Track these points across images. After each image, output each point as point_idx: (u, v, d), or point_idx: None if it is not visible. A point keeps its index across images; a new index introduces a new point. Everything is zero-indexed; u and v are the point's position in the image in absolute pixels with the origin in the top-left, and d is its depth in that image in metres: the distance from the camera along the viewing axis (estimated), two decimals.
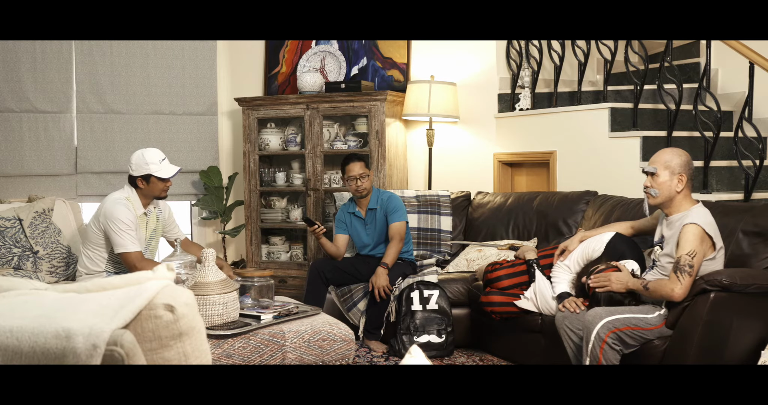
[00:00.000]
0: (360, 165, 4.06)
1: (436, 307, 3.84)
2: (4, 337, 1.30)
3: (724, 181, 4.02)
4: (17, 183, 5.08)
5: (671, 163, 2.93)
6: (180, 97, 5.38)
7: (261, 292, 3.19)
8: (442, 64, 5.03)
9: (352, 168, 4.05)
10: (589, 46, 4.42)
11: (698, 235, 2.77)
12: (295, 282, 5.04)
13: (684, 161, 2.94)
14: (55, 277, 3.92)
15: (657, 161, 2.98)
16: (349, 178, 4.09)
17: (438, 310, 3.83)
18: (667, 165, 2.93)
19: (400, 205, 4.14)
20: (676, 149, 3.02)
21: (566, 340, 3.01)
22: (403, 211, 4.13)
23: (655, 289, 2.82)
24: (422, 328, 3.80)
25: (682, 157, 2.95)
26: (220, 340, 2.74)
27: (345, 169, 4.09)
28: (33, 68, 5.07)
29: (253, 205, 5.18)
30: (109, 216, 3.46)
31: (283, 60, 5.48)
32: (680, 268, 2.74)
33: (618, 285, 2.96)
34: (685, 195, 2.94)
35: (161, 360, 1.39)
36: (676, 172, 2.92)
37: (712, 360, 2.71)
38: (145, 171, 3.53)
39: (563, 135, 4.47)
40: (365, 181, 4.08)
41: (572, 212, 4.07)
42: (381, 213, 4.13)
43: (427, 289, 3.87)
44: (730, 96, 4.51)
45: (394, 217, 4.08)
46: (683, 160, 2.94)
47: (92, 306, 1.37)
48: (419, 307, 3.83)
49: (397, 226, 4.07)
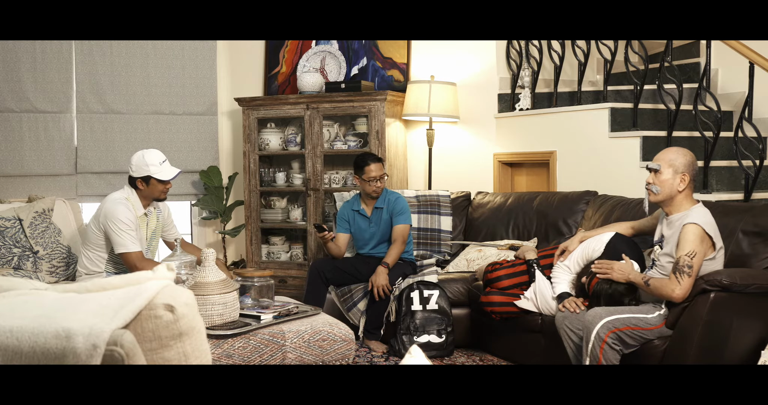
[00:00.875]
0: (380, 166, 4.06)
1: (436, 307, 3.84)
2: (4, 337, 1.30)
3: (724, 181, 4.02)
4: (17, 183, 5.08)
5: (675, 162, 2.94)
6: (180, 97, 5.38)
7: (261, 292, 3.19)
8: (442, 64, 5.03)
9: (373, 168, 4.02)
10: (589, 46, 4.42)
11: (698, 235, 2.77)
12: (295, 282, 5.04)
13: (688, 161, 2.95)
14: (55, 277, 3.92)
15: (661, 159, 2.99)
16: (369, 179, 4.04)
17: (438, 310, 3.83)
18: (671, 163, 2.94)
19: (407, 208, 4.13)
20: (682, 149, 3.02)
21: (566, 340, 3.01)
22: (409, 214, 4.13)
23: (657, 287, 2.83)
24: (422, 328, 3.80)
25: (687, 157, 2.96)
26: (220, 340, 2.74)
27: (364, 169, 4.03)
28: (33, 68, 5.07)
29: (253, 205, 5.18)
30: (109, 216, 3.45)
31: (283, 60, 5.48)
32: (679, 269, 2.74)
33: (619, 274, 2.98)
34: (687, 195, 2.95)
35: (161, 360, 1.39)
36: (679, 171, 2.92)
37: (712, 360, 2.71)
38: (144, 172, 3.52)
39: (563, 135, 4.47)
40: (384, 182, 4.09)
41: (572, 212, 4.07)
42: (386, 213, 4.12)
43: (427, 289, 3.87)
44: (730, 96, 4.51)
45: (399, 219, 4.07)
46: (687, 160, 2.95)
47: (92, 306, 1.37)
48: (419, 307, 3.83)
49: (401, 229, 4.06)
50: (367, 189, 4.09)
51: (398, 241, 4.03)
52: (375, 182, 4.04)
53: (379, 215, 4.15)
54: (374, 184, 4.05)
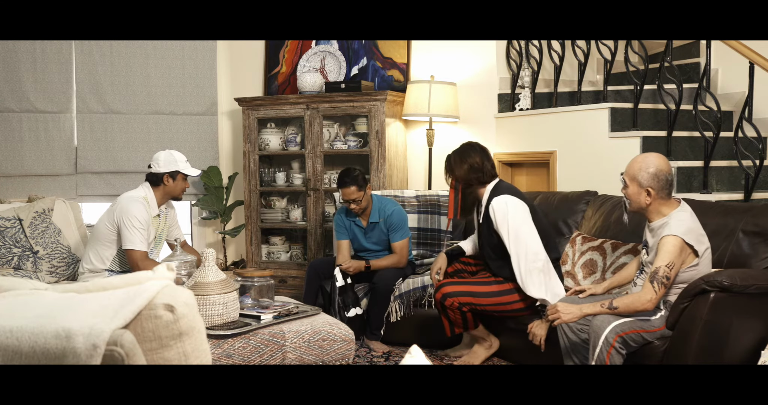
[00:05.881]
0: (352, 189, 3.93)
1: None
2: (4, 337, 1.30)
3: (724, 181, 4.02)
4: (17, 183, 5.08)
5: (638, 176, 2.83)
6: (180, 97, 5.38)
7: (261, 292, 3.19)
8: (442, 64, 5.03)
9: (345, 193, 3.96)
10: (589, 46, 4.42)
11: (677, 247, 2.73)
12: (295, 282, 5.04)
13: (652, 174, 2.80)
14: (55, 277, 3.92)
15: (627, 172, 2.89)
16: (343, 201, 4.02)
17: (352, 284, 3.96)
18: (633, 177, 2.85)
19: (403, 222, 4.06)
20: (649, 158, 2.87)
21: (561, 334, 3.01)
22: (406, 228, 4.07)
23: (628, 305, 2.76)
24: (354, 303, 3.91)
25: (650, 168, 2.81)
26: (220, 340, 2.74)
27: (339, 190, 4.01)
28: (33, 68, 5.07)
29: (253, 205, 5.18)
30: (125, 211, 3.54)
31: (283, 60, 5.48)
32: (658, 279, 2.71)
33: (569, 316, 2.87)
34: (659, 204, 2.85)
35: (161, 360, 1.39)
36: (643, 186, 2.82)
37: (712, 360, 2.71)
38: (174, 167, 3.66)
39: (563, 135, 4.47)
40: (360, 203, 3.99)
41: (572, 212, 4.07)
42: (384, 226, 4.07)
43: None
44: (730, 96, 4.51)
45: (396, 236, 4.03)
46: (651, 173, 2.81)
47: (92, 306, 1.37)
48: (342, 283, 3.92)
49: (399, 245, 4.04)
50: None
51: (396, 255, 4.03)
52: (348, 204, 4.01)
53: (374, 229, 4.10)
54: (351, 204, 4.00)
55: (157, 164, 3.65)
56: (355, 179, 3.94)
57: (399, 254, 4.02)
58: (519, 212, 3.35)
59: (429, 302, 3.96)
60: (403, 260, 4.05)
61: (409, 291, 3.96)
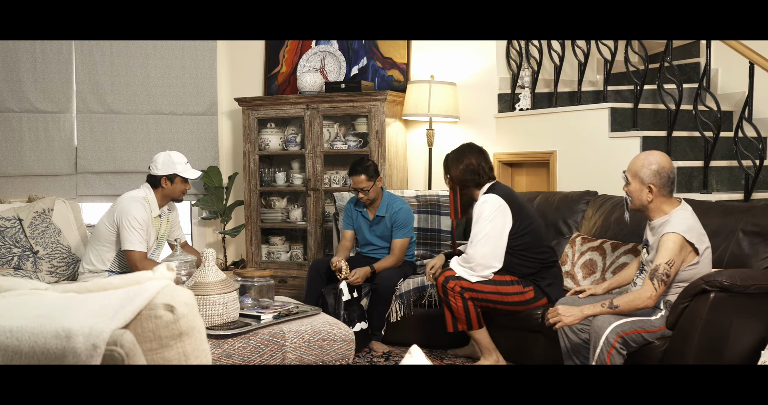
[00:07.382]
0: (362, 178, 3.98)
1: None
2: (4, 337, 1.30)
3: (724, 181, 4.02)
4: (17, 183, 5.08)
5: (640, 173, 2.84)
6: (180, 97, 5.38)
7: (261, 292, 3.19)
8: (442, 64, 5.03)
9: (354, 181, 4.01)
10: (589, 46, 4.42)
11: (678, 244, 2.73)
12: (295, 282, 5.04)
13: (654, 171, 2.82)
14: (55, 277, 3.92)
15: (629, 169, 2.90)
16: (353, 189, 4.06)
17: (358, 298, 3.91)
18: (635, 174, 2.86)
19: (409, 221, 4.09)
20: (652, 155, 2.89)
21: (562, 336, 3.01)
22: (410, 228, 4.09)
23: (628, 303, 2.76)
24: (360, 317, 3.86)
25: (653, 166, 2.83)
26: (220, 340, 2.74)
27: (351, 177, 4.06)
28: (33, 68, 5.07)
29: (253, 205, 5.18)
30: (125, 212, 3.53)
31: (283, 60, 5.48)
32: (658, 276, 2.71)
33: (570, 319, 2.86)
34: (661, 202, 2.85)
35: (161, 360, 1.39)
36: (645, 183, 2.83)
37: (712, 360, 2.71)
38: (171, 170, 3.62)
39: (563, 135, 4.47)
40: (368, 193, 4.03)
41: (572, 212, 4.07)
42: (388, 222, 4.09)
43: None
44: (730, 96, 4.51)
45: (398, 234, 4.04)
46: (653, 170, 2.82)
47: (92, 306, 1.37)
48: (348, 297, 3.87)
49: (398, 243, 4.05)
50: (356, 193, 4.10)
51: (395, 254, 4.03)
52: (358, 193, 4.04)
53: (379, 222, 4.13)
54: (359, 193, 4.04)
55: (156, 166, 3.63)
56: (366, 169, 4.00)
57: (398, 253, 4.03)
58: (493, 210, 3.41)
59: (429, 302, 3.96)
60: (402, 258, 4.06)
61: (409, 291, 3.97)
